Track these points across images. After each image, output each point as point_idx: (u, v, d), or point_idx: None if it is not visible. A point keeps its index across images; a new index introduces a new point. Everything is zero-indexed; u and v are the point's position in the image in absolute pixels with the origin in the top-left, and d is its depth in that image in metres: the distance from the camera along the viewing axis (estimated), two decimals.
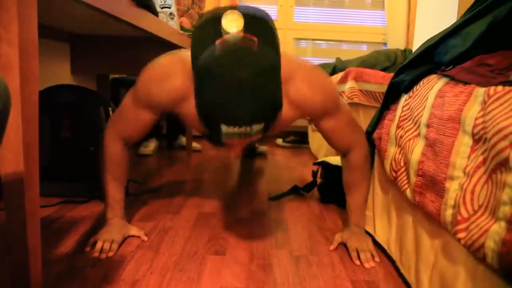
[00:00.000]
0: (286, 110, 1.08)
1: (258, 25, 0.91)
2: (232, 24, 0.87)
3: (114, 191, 1.22)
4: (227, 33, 0.87)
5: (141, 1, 1.34)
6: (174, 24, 1.90)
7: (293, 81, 1.06)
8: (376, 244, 1.22)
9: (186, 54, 1.08)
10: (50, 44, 1.84)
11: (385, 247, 1.17)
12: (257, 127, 0.84)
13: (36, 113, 0.72)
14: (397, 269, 1.09)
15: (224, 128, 0.83)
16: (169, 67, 1.08)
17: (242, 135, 0.84)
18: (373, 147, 1.25)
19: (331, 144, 1.22)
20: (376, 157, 1.25)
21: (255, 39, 0.87)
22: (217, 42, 0.85)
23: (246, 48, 0.84)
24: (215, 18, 0.91)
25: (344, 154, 1.24)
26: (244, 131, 0.83)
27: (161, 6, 1.84)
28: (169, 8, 1.86)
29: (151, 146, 2.54)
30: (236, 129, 0.82)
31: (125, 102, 1.17)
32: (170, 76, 1.06)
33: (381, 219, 1.22)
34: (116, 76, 2.56)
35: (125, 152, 1.21)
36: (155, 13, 1.54)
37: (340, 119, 1.16)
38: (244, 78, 0.80)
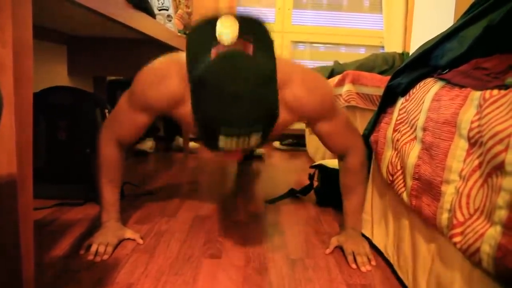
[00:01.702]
0: (283, 114, 1.08)
1: (253, 29, 0.90)
2: (227, 28, 0.86)
3: (109, 193, 1.21)
4: (222, 37, 0.86)
5: (138, 3, 1.34)
6: (171, 26, 1.90)
7: (289, 85, 1.06)
8: (374, 247, 1.22)
9: (182, 56, 1.08)
10: (47, 46, 1.83)
11: (382, 250, 1.17)
12: (255, 136, 0.83)
13: (30, 115, 0.72)
14: (394, 273, 1.09)
15: (222, 135, 0.82)
16: (165, 69, 1.07)
17: (240, 143, 0.83)
18: (370, 150, 1.25)
19: (327, 147, 1.22)
20: (373, 160, 1.25)
21: (251, 45, 0.86)
22: (213, 50, 0.84)
23: (241, 57, 0.83)
24: (210, 22, 0.90)
25: (341, 157, 1.24)
26: (242, 140, 0.83)
27: (159, 8, 1.84)
28: (167, 10, 1.86)
29: (148, 144, 2.54)
30: (234, 138, 0.82)
31: (120, 104, 1.17)
32: (166, 79, 1.06)
33: (378, 223, 1.21)
34: (113, 78, 2.56)
35: (120, 154, 1.20)
36: (153, 15, 1.54)
37: (337, 123, 1.16)
38: (240, 90, 0.79)
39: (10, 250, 0.72)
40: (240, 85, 0.79)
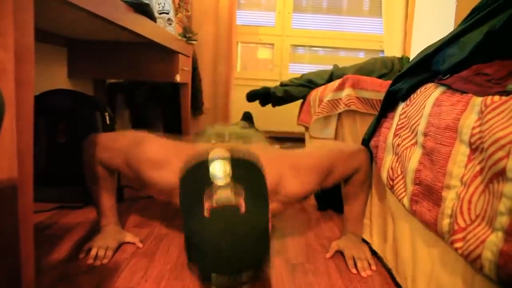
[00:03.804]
0: (277, 206, 1.10)
1: (245, 170, 0.89)
2: (220, 172, 0.85)
3: (105, 199, 1.21)
4: (215, 182, 0.85)
5: (139, 7, 1.34)
6: (172, 29, 1.90)
7: (281, 184, 1.07)
8: (373, 252, 1.22)
9: (181, 150, 1.08)
10: (47, 49, 1.83)
11: (381, 255, 1.16)
12: (247, 274, 0.83)
13: (31, 119, 0.72)
14: (393, 278, 1.08)
15: (214, 275, 0.82)
16: (164, 161, 1.06)
17: (232, 280, 0.83)
18: (370, 155, 1.25)
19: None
20: (374, 165, 1.25)
21: (243, 192, 0.84)
22: (206, 204, 0.83)
23: (234, 217, 0.81)
24: (203, 162, 0.88)
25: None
26: (234, 278, 0.82)
27: (159, 12, 1.85)
28: (167, 13, 1.87)
29: None
30: (225, 279, 0.82)
31: (118, 146, 1.13)
32: (166, 169, 1.05)
33: (378, 227, 1.21)
34: (113, 81, 2.56)
35: (108, 171, 1.19)
36: (153, 19, 1.54)
37: (337, 170, 1.17)
38: (234, 252, 0.79)
39: (10, 253, 0.71)
40: (232, 249, 0.78)
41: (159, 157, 1.05)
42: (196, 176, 0.88)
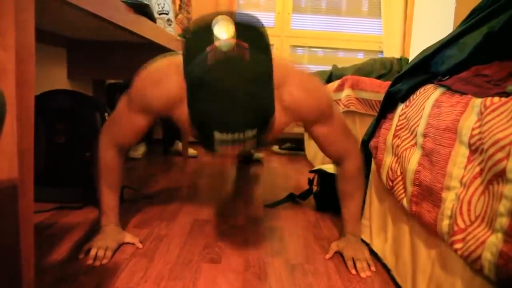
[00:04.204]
0: (279, 115, 1.08)
1: (250, 31, 0.91)
2: (224, 31, 0.87)
3: (109, 198, 1.20)
4: (219, 41, 0.87)
5: (139, 8, 1.35)
6: (171, 30, 1.90)
7: (286, 86, 1.06)
8: (373, 253, 1.22)
9: (179, 58, 1.08)
10: (47, 49, 1.83)
11: (381, 256, 1.17)
12: (250, 134, 0.83)
13: (32, 119, 0.72)
14: (393, 279, 1.09)
15: (217, 135, 0.83)
16: (162, 71, 1.08)
17: (236, 141, 0.83)
18: (369, 156, 1.25)
19: (323, 151, 1.22)
20: (373, 166, 1.25)
21: (247, 45, 0.87)
22: (208, 49, 0.85)
23: (237, 55, 0.83)
24: (207, 25, 0.91)
25: (337, 163, 1.24)
26: (237, 138, 0.83)
27: (159, 12, 1.85)
28: (167, 14, 1.87)
29: (140, 150, 2.54)
30: (229, 136, 0.82)
31: (119, 108, 1.17)
32: (164, 80, 1.06)
33: (377, 228, 1.21)
34: (113, 81, 2.55)
35: (119, 159, 1.20)
36: (153, 19, 1.54)
37: (333, 127, 1.16)
38: (235, 87, 0.79)
39: (10, 254, 0.71)
40: (234, 82, 0.80)
41: (160, 75, 1.07)
42: (201, 36, 0.90)
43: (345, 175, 1.23)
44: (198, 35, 0.91)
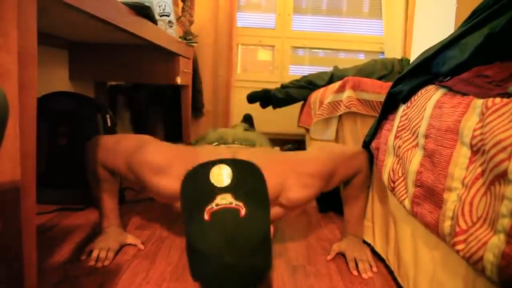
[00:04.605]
0: (280, 212, 1.09)
1: (246, 173, 0.89)
2: (220, 177, 0.86)
3: (108, 201, 1.21)
4: (215, 183, 0.86)
5: (140, 10, 1.35)
6: (172, 32, 1.91)
7: (284, 193, 1.05)
8: (376, 254, 1.22)
9: (185, 154, 1.08)
10: (49, 51, 1.84)
11: (384, 257, 1.16)
12: None
13: (34, 122, 0.72)
14: (395, 280, 1.09)
15: None
16: (166, 166, 1.04)
17: None
18: (371, 157, 1.25)
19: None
20: (375, 167, 1.25)
21: (243, 203, 0.84)
22: (207, 208, 0.83)
23: (234, 221, 0.80)
24: (204, 166, 0.89)
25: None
26: None
27: (160, 14, 1.85)
28: (168, 16, 1.87)
29: None
30: None
31: (121, 150, 1.12)
32: (167, 175, 1.04)
33: (380, 229, 1.21)
34: (114, 83, 2.56)
35: (110, 173, 1.19)
36: (154, 21, 1.54)
37: (339, 173, 1.16)
38: (233, 261, 0.78)
39: (12, 255, 0.71)
40: (232, 256, 0.78)
41: (161, 162, 1.04)
42: (197, 179, 0.88)
43: (352, 184, 1.23)
44: (195, 177, 0.89)
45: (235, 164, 0.89)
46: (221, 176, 0.87)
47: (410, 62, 2.15)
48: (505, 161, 0.60)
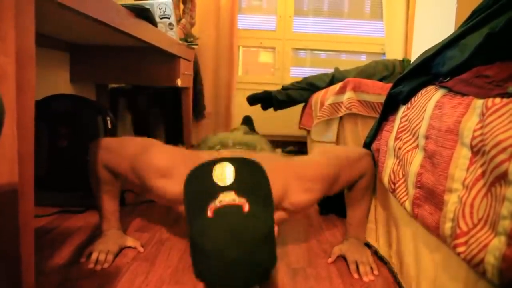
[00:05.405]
0: (283, 216, 1.08)
1: (248, 171, 0.89)
2: (223, 175, 0.86)
3: (108, 204, 1.20)
4: (218, 181, 0.86)
5: (140, 12, 1.35)
6: (173, 34, 1.91)
7: (287, 198, 1.05)
8: (377, 257, 1.21)
9: (188, 159, 1.06)
10: (50, 54, 1.84)
11: (388, 260, 1.16)
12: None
13: (32, 124, 0.72)
14: (396, 283, 1.08)
15: None
16: (170, 169, 1.04)
17: None
18: (372, 158, 1.24)
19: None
20: (376, 169, 1.24)
21: (246, 200, 0.83)
22: (210, 206, 0.82)
23: (237, 218, 0.80)
24: (207, 165, 0.89)
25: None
26: None
27: (161, 17, 1.85)
28: (168, 18, 1.87)
29: None
30: None
31: (125, 153, 1.12)
32: (171, 178, 1.03)
33: (383, 232, 1.20)
34: (115, 85, 2.56)
35: (113, 175, 1.19)
36: (154, 24, 1.54)
37: (343, 177, 1.15)
38: (237, 256, 0.77)
39: (10, 258, 0.71)
40: (237, 251, 0.77)
41: (165, 165, 1.04)
42: (200, 178, 0.88)
43: (357, 186, 1.22)
44: (198, 176, 0.89)
45: (237, 162, 0.89)
46: (224, 174, 0.87)
47: (411, 63, 2.15)
48: (505, 162, 0.60)
